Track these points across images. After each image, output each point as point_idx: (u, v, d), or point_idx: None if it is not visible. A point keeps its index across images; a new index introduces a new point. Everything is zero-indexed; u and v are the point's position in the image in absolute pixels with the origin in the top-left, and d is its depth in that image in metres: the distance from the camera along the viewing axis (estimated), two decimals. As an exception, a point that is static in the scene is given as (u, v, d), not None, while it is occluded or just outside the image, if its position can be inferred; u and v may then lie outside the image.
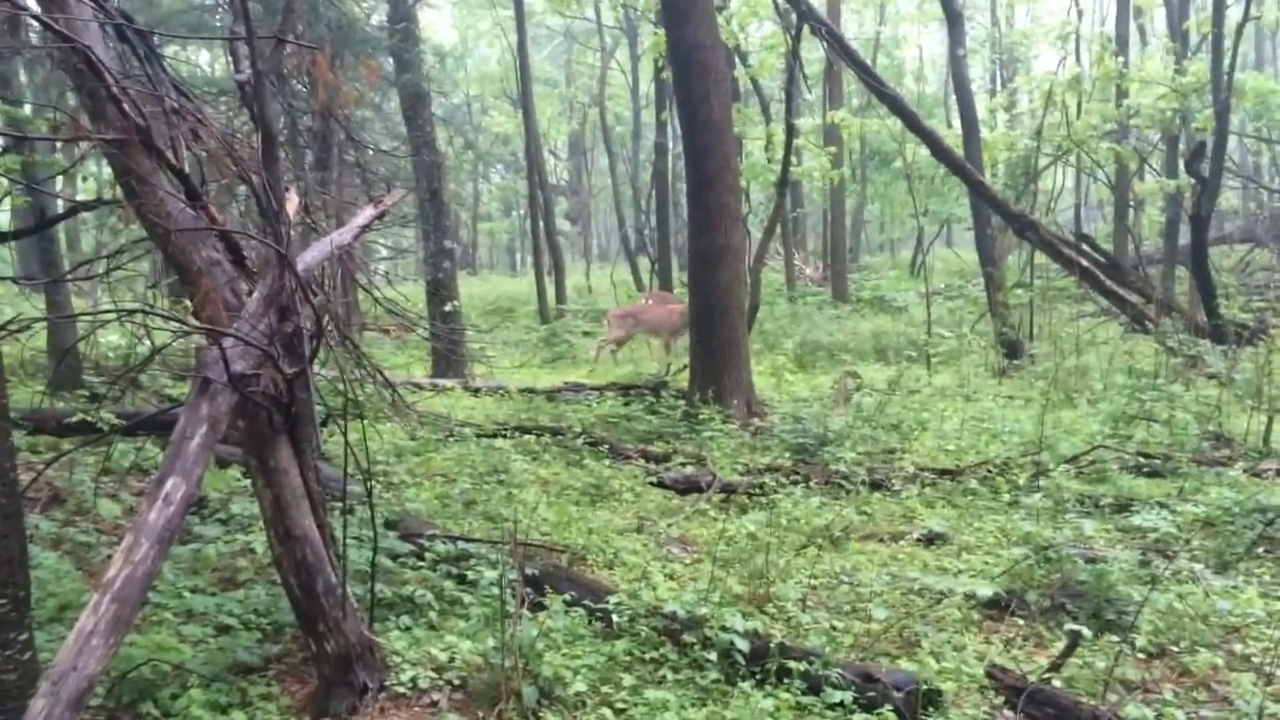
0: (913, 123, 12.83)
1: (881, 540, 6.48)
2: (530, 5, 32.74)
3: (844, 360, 14.96)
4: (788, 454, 8.58)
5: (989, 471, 7.66)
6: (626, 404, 10.39)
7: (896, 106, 12.80)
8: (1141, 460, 8.05)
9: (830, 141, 21.65)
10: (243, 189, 4.78)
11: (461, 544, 5.57)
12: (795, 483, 7.45)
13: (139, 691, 3.91)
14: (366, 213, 5.18)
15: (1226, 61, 13.52)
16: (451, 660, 4.21)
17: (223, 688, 4.07)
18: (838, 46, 12.29)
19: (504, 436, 8.80)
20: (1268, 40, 35.24)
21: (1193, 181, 13.48)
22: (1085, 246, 13.79)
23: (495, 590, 4.79)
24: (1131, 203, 21.10)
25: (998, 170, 20.48)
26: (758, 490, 7.26)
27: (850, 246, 32.18)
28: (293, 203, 4.50)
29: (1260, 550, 5.97)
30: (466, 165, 34.66)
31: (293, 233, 5.15)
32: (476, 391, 11.92)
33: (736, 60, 20.43)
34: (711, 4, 9.63)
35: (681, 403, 10.17)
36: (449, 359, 12.93)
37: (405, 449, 8.65)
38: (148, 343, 6.02)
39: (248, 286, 4.30)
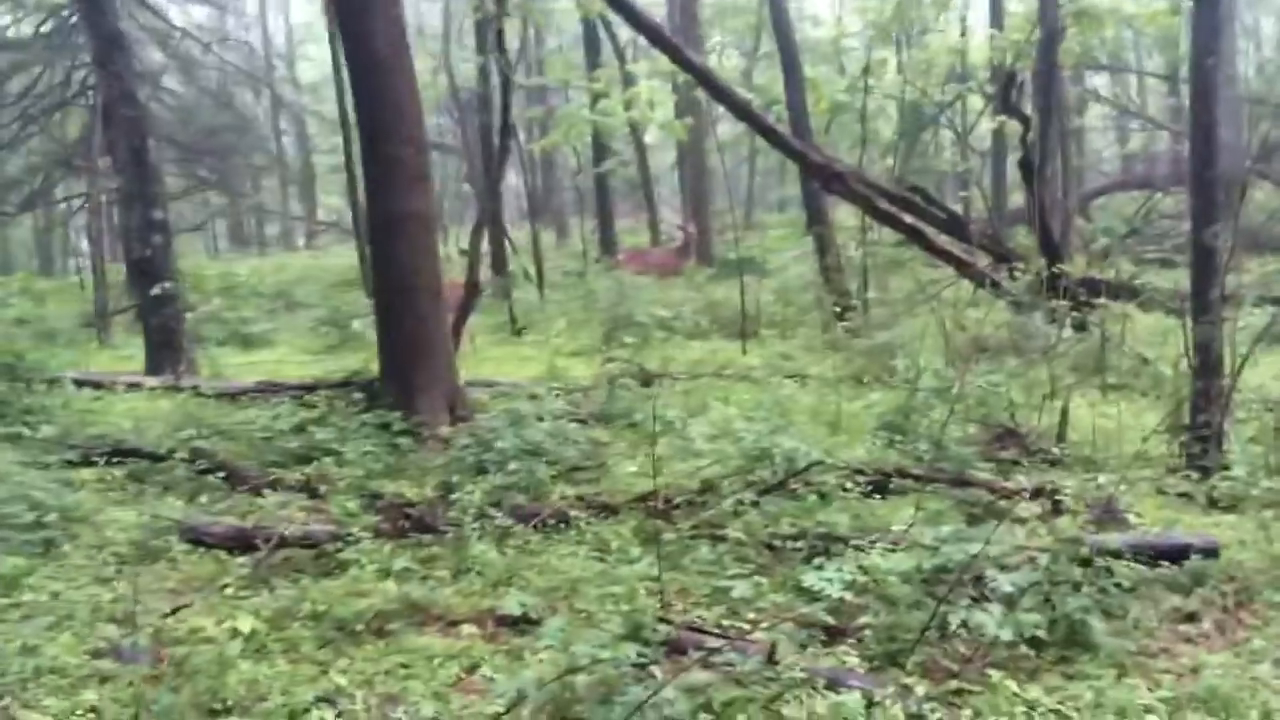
0: (677, 56, 10.86)
1: (454, 624, 4.62)
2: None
3: (659, 339, 13.13)
4: (457, 478, 6.68)
5: (669, 502, 5.82)
6: (314, 408, 8.38)
7: (653, 36, 10.81)
8: (880, 475, 6.28)
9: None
10: None
11: None
12: (402, 532, 5.58)
13: None
14: None
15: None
16: None
17: None
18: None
19: (92, 463, 6.87)
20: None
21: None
22: (918, 199, 11.94)
23: None
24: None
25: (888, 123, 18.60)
26: (340, 542, 5.39)
27: (734, 205, 30.23)
28: None
29: (938, 633, 4.17)
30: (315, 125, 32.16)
31: None
32: (178, 390, 9.90)
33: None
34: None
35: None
36: (165, 352, 10.91)
37: None
38: None
39: None
